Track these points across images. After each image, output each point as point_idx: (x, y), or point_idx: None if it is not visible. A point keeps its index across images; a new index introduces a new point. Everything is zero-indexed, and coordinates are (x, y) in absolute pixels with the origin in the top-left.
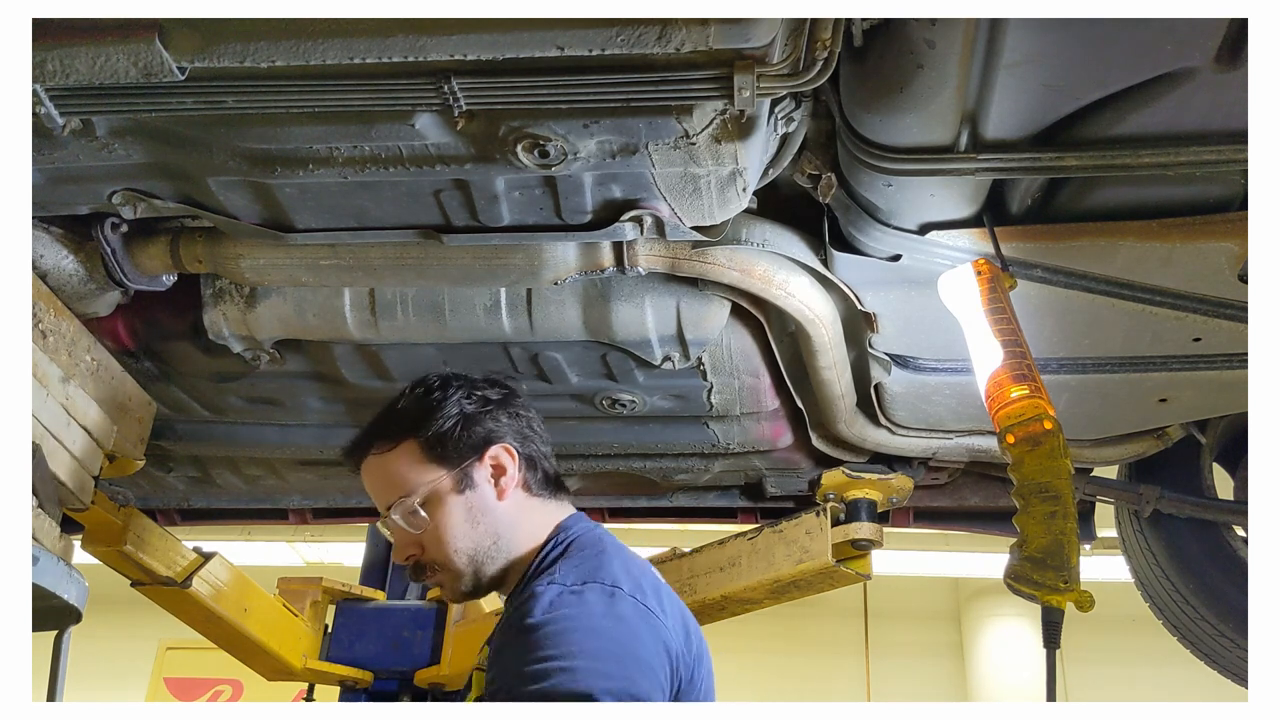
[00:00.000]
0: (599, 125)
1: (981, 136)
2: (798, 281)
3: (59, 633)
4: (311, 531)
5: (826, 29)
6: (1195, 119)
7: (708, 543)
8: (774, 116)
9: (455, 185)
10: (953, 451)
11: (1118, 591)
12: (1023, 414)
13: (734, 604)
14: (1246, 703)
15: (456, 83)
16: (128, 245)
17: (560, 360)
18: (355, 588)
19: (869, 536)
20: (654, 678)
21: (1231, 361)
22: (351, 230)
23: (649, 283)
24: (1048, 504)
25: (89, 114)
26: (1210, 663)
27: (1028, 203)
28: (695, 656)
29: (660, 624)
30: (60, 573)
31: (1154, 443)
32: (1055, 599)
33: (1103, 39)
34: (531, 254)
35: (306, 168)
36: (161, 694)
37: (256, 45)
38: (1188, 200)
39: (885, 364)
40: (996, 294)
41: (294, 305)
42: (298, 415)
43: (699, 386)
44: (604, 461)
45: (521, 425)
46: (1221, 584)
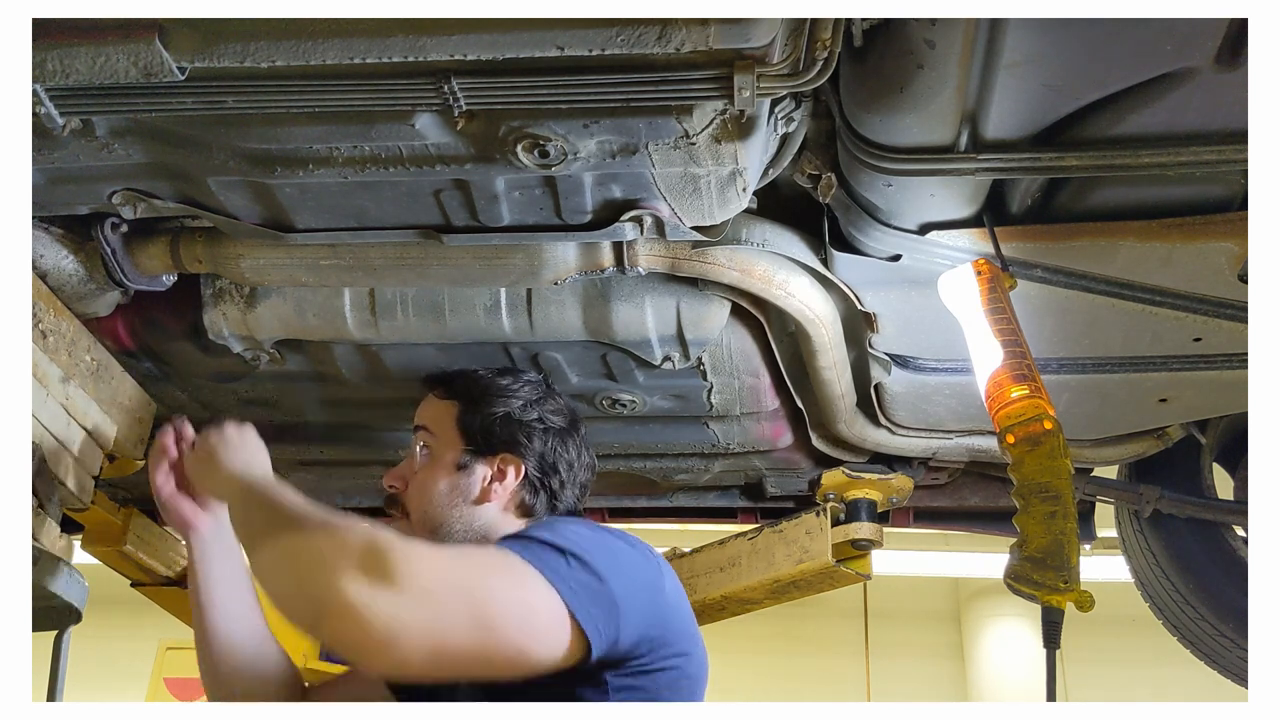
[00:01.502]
0: (599, 125)
1: (981, 136)
2: (798, 281)
3: (59, 633)
4: None
5: (826, 29)
6: (1195, 119)
7: (708, 543)
8: (774, 116)
9: (455, 185)
10: (953, 451)
11: (1118, 591)
12: (1023, 414)
13: (734, 604)
14: (1246, 703)
15: (456, 83)
16: (128, 245)
17: (560, 360)
18: None
19: (869, 536)
20: (627, 576)
21: (1231, 361)
22: (351, 230)
23: (649, 283)
24: (1048, 504)
25: (89, 114)
26: (1210, 663)
27: (1028, 203)
28: (693, 637)
29: (655, 567)
30: (60, 573)
31: (1154, 443)
32: (1055, 599)
33: (1103, 39)
34: (531, 254)
35: (306, 168)
36: (161, 694)
37: (256, 45)
38: (1188, 200)
39: (885, 364)
40: (996, 294)
41: (294, 305)
42: (297, 415)
43: (699, 386)
44: (604, 461)
45: (556, 456)
46: (1221, 584)
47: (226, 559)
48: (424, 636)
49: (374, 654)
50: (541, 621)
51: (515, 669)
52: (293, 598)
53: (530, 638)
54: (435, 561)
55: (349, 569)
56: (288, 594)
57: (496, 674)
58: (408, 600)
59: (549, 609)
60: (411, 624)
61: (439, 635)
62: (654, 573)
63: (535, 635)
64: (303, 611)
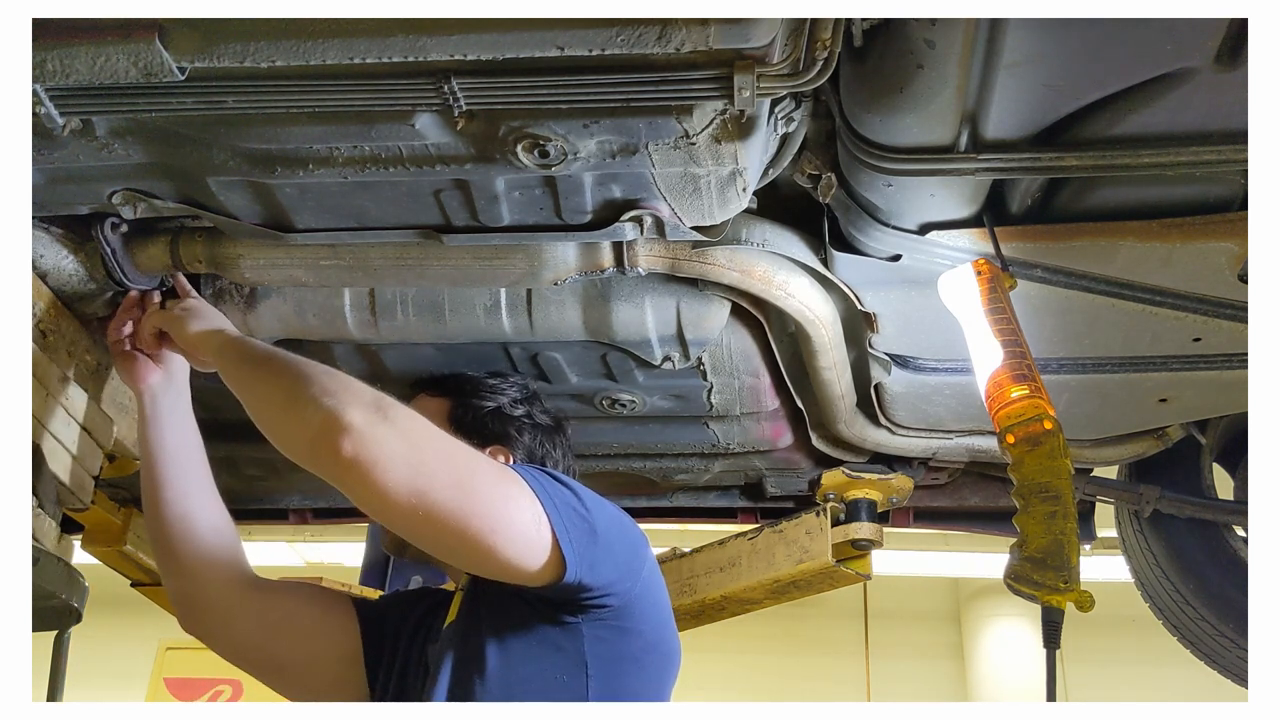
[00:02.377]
0: (599, 125)
1: (981, 136)
2: (798, 282)
3: (59, 633)
4: (311, 532)
5: (826, 29)
6: (1195, 119)
7: (708, 543)
8: (774, 116)
9: (455, 185)
10: (953, 451)
11: (1118, 591)
12: (1023, 414)
13: (734, 604)
14: (1246, 703)
15: (456, 83)
16: (128, 245)
17: (560, 360)
18: (355, 588)
19: (869, 536)
20: (613, 520)
21: (1231, 361)
22: (351, 230)
23: (649, 283)
24: (1048, 504)
25: (89, 114)
26: (1210, 663)
27: (1028, 203)
28: (667, 623)
29: (643, 536)
30: (60, 573)
31: (1154, 443)
32: (1055, 599)
33: (1103, 39)
34: (531, 254)
35: (306, 168)
36: (161, 694)
37: (256, 45)
38: (1188, 200)
39: (885, 364)
40: (996, 294)
41: (294, 305)
42: None
43: (699, 386)
44: (604, 461)
45: (544, 451)
46: (1221, 584)
47: (174, 414)
48: (408, 471)
49: (362, 472)
50: (523, 517)
51: (490, 558)
52: (292, 419)
53: (508, 526)
54: (433, 428)
55: (357, 402)
56: (285, 416)
57: (472, 558)
58: (401, 438)
59: (532, 511)
60: (399, 457)
61: (423, 477)
62: (640, 537)
63: (513, 525)
64: (298, 432)
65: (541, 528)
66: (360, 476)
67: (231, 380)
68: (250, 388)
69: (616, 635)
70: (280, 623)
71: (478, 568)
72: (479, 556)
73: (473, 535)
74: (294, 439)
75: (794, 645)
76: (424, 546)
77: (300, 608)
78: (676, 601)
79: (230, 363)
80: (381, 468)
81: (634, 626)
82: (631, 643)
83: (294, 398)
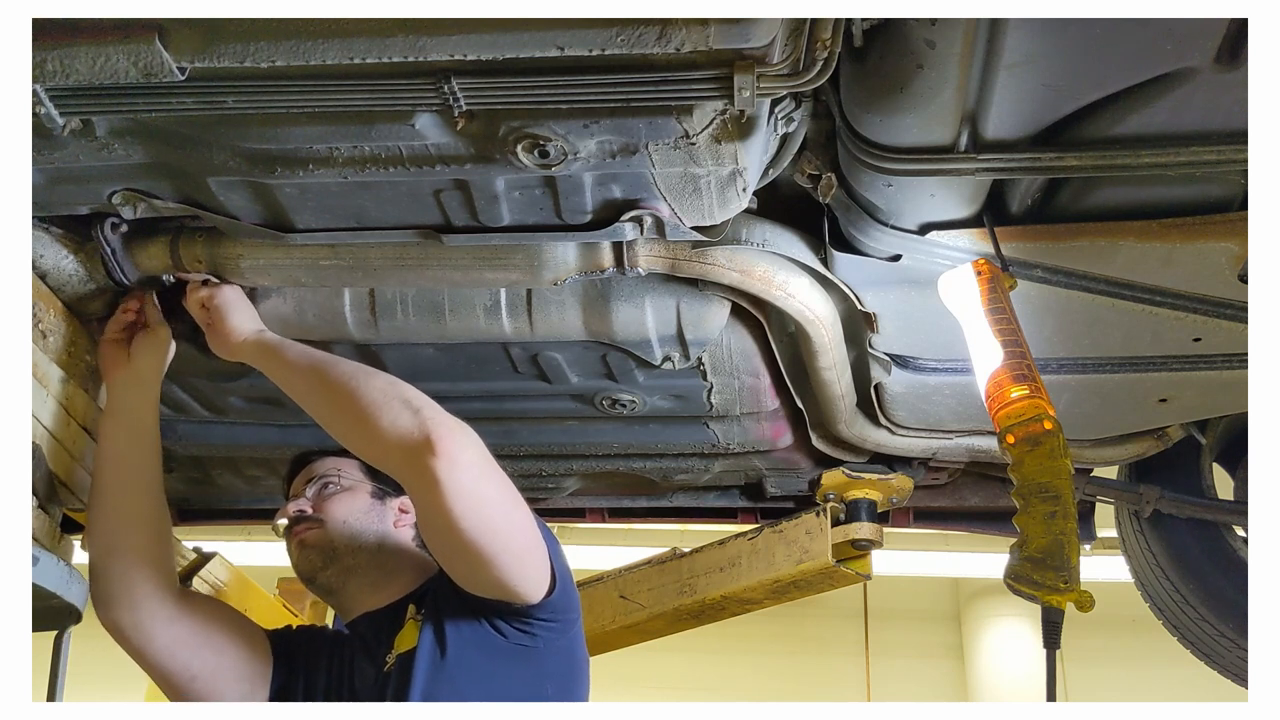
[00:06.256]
0: (599, 125)
1: (981, 136)
2: (798, 282)
3: (59, 633)
4: None
5: (826, 29)
6: (1195, 119)
7: (708, 543)
8: (774, 116)
9: (455, 185)
10: (953, 451)
11: (1118, 591)
12: (1023, 414)
13: (734, 604)
14: (1246, 703)
15: (456, 83)
16: (128, 245)
17: (560, 360)
18: None
19: (869, 536)
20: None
21: (1231, 361)
22: (351, 230)
23: (649, 283)
24: (1048, 504)
25: (89, 114)
26: (1210, 663)
27: (1028, 203)
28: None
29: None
30: (60, 573)
31: (1154, 443)
32: (1055, 599)
33: (1103, 39)
34: (531, 254)
35: (306, 168)
36: (161, 694)
37: (256, 45)
38: (1188, 200)
39: (885, 364)
40: (996, 294)
41: (294, 305)
42: (298, 415)
43: (699, 386)
44: (604, 461)
45: None
46: (1221, 584)
47: (135, 412)
48: (484, 474)
49: (446, 490)
50: (539, 550)
51: (509, 572)
52: (377, 428)
53: (532, 553)
54: (492, 459)
55: (441, 418)
56: (365, 425)
57: (492, 570)
58: (477, 446)
59: (542, 548)
60: (480, 462)
61: (493, 484)
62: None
63: (535, 554)
64: (387, 439)
65: (547, 565)
66: (443, 492)
67: (287, 382)
68: (317, 393)
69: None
70: (197, 633)
71: (490, 584)
72: (499, 572)
73: (512, 552)
74: (381, 446)
75: (794, 645)
76: (453, 556)
77: (218, 623)
78: (677, 601)
79: (281, 366)
80: (468, 492)
81: (573, 623)
82: (571, 638)
83: (375, 406)
